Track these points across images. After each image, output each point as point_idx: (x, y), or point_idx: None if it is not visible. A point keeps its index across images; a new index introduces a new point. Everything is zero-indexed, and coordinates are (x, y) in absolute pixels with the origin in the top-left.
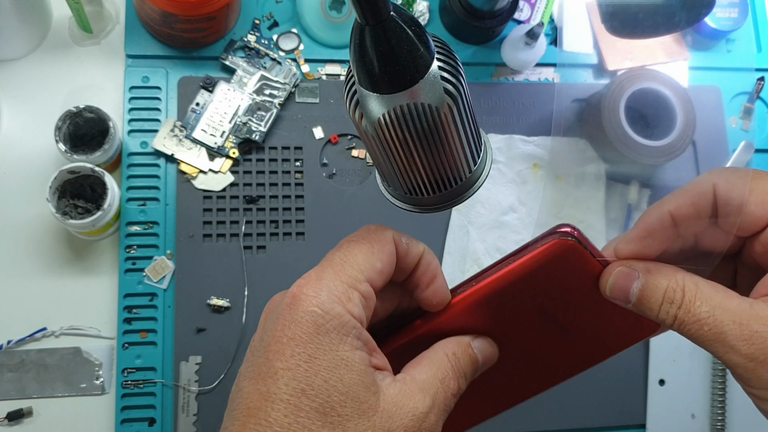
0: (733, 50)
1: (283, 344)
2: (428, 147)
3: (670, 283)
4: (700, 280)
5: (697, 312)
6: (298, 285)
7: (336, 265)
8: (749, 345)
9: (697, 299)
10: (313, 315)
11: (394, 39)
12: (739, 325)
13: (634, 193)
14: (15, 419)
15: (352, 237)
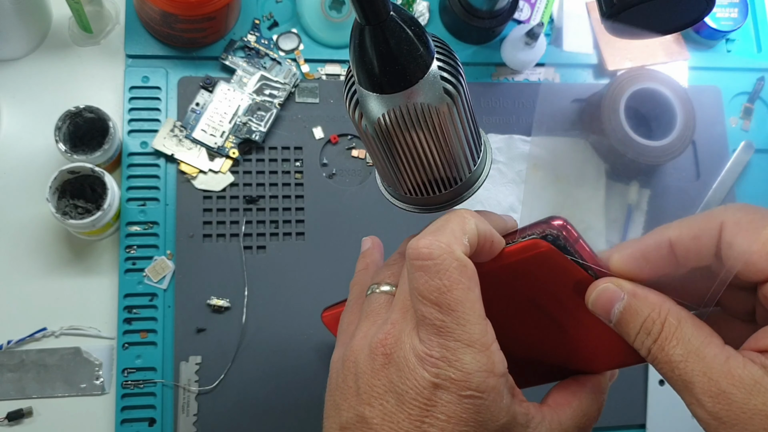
0: (733, 50)
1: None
2: (428, 147)
3: (652, 313)
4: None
5: (670, 352)
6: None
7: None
8: (715, 403)
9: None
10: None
11: (393, 39)
12: (708, 379)
13: (634, 193)
14: (15, 419)
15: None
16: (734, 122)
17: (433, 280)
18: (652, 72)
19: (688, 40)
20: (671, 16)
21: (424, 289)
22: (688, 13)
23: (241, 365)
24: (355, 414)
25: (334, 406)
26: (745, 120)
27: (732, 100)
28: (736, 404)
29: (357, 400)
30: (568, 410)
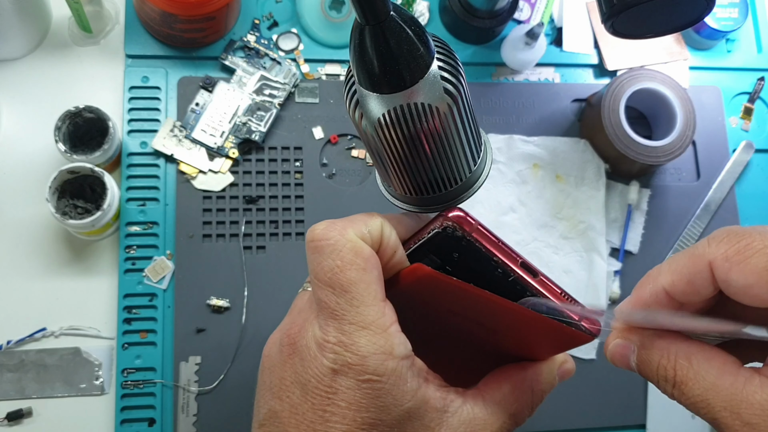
0: (733, 50)
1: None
2: (428, 147)
3: (662, 360)
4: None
5: (690, 394)
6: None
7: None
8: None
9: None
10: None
11: (393, 39)
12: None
13: (634, 193)
14: (15, 419)
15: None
16: (734, 122)
17: (326, 260)
18: (652, 72)
19: (688, 40)
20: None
21: (319, 270)
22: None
23: (241, 365)
24: (268, 409)
25: (255, 403)
26: (745, 120)
27: (732, 100)
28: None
29: (270, 395)
30: (496, 393)
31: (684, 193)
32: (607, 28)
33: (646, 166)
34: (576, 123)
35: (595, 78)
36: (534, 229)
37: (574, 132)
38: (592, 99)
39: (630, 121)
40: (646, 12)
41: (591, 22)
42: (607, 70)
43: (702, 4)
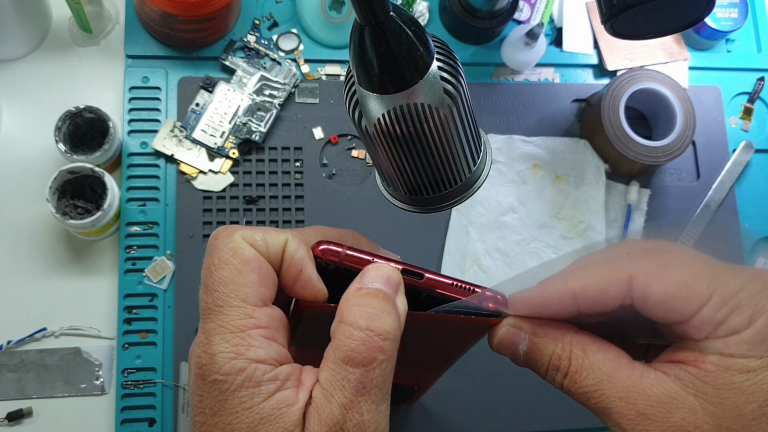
0: (733, 50)
1: (204, 414)
2: (428, 147)
3: (556, 349)
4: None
5: (582, 384)
6: (196, 355)
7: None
8: (634, 425)
9: (583, 369)
10: (215, 383)
11: (393, 39)
12: (625, 403)
13: (634, 193)
14: (15, 419)
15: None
16: (734, 122)
17: (207, 259)
18: (652, 72)
19: (688, 40)
20: (671, 17)
21: (202, 269)
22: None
23: None
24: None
25: None
26: (745, 120)
27: (732, 100)
28: (655, 423)
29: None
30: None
31: (684, 193)
32: (606, 29)
33: (646, 166)
34: (576, 123)
35: (595, 78)
36: (534, 229)
37: (574, 132)
38: (591, 99)
39: (630, 121)
40: (646, 13)
41: (591, 23)
42: (607, 71)
43: (702, 5)
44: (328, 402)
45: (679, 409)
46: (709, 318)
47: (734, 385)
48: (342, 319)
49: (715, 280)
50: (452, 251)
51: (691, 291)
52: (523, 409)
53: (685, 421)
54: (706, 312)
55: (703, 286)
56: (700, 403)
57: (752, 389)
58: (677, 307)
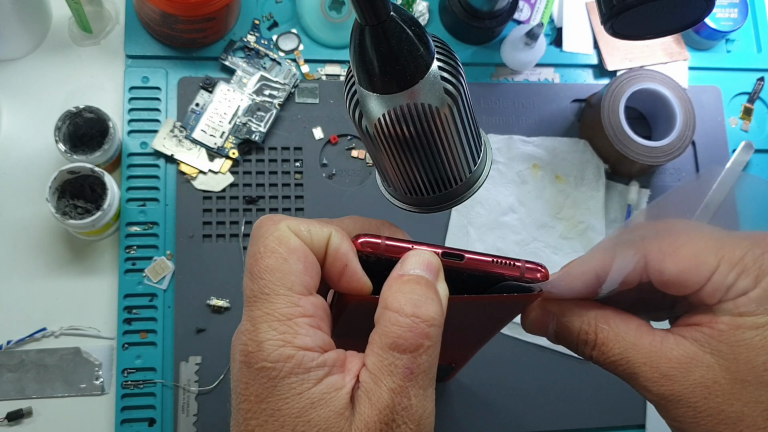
0: (733, 50)
1: (250, 402)
2: (428, 147)
3: (582, 324)
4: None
5: (609, 354)
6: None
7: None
8: (659, 386)
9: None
10: (263, 371)
11: (394, 39)
12: (649, 367)
13: (634, 193)
14: (15, 419)
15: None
16: (734, 122)
17: (252, 247)
18: (652, 72)
19: (688, 40)
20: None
21: (247, 256)
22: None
23: None
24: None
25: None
26: (745, 120)
27: (732, 100)
28: (678, 383)
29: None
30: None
31: None
32: (606, 29)
33: (645, 166)
34: (576, 123)
35: (595, 78)
36: (534, 229)
37: (573, 132)
38: (591, 99)
39: (630, 122)
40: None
41: (591, 23)
42: (607, 71)
43: (702, 5)
44: (377, 386)
45: (698, 367)
46: (719, 284)
47: (746, 341)
48: (387, 306)
49: (721, 249)
50: None
51: (700, 262)
52: (523, 409)
53: (704, 378)
54: (716, 279)
55: (710, 256)
56: (717, 360)
57: (762, 343)
58: (690, 278)
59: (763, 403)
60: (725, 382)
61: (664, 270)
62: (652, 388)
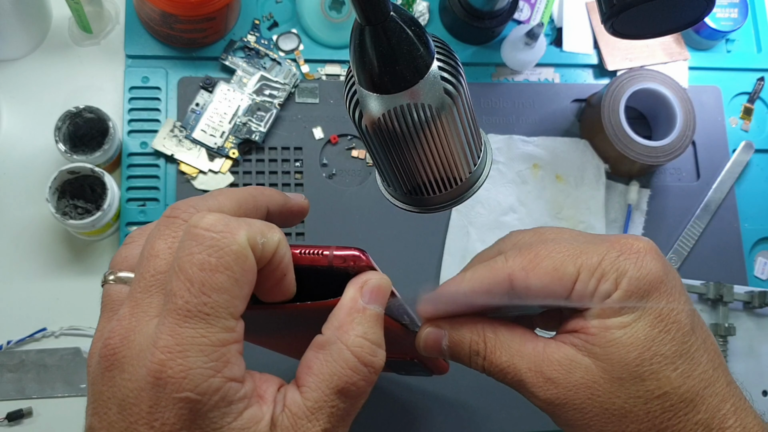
0: (733, 50)
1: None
2: (428, 147)
3: (473, 335)
4: (499, 325)
5: (498, 362)
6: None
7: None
8: (544, 390)
9: (496, 349)
10: (186, 401)
11: (394, 39)
12: (534, 373)
13: (634, 193)
14: (15, 419)
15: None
16: (734, 122)
17: (202, 253)
18: (651, 72)
19: (688, 40)
20: (671, 16)
21: (187, 260)
22: (687, 14)
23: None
24: (88, 426)
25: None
26: (745, 120)
27: (732, 100)
28: (561, 384)
29: (90, 410)
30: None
31: (684, 193)
32: (607, 29)
33: (646, 166)
34: (576, 123)
35: (595, 78)
36: None
37: (574, 132)
38: (591, 99)
39: (630, 121)
40: (646, 12)
41: (591, 22)
42: (607, 71)
43: (702, 4)
44: (311, 424)
45: (577, 369)
46: (582, 291)
47: (615, 340)
48: (346, 342)
49: (579, 257)
50: (452, 251)
51: (561, 274)
52: (523, 409)
53: (584, 379)
54: (578, 287)
55: (570, 267)
56: (593, 362)
57: (630, 340)
58: (554, 290)
59: (641, 397)
60: (604, 381)
61: (530, 286)
62: (538, 393)
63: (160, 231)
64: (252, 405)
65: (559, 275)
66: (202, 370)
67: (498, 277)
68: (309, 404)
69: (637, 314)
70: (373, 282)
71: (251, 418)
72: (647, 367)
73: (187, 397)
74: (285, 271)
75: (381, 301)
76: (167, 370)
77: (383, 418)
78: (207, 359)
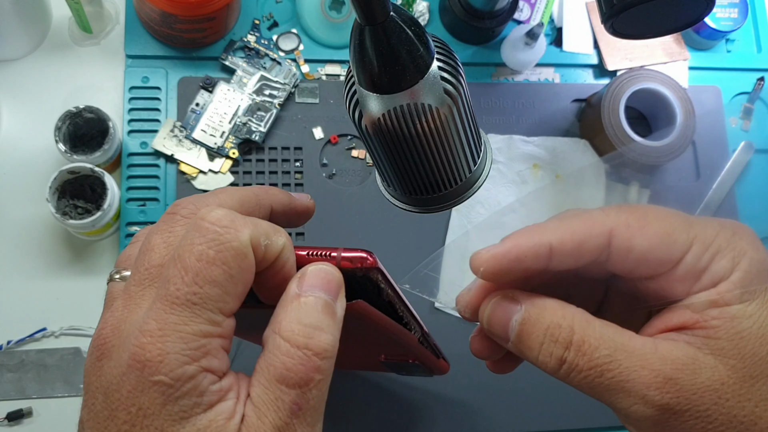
0: (733, 50)
1: (131, 414)
2: (428, 147)
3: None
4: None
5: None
6: (139, 344)
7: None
8: (663, 393)
9: (592, 338)
10: (158, 385)
11: (394, 39)
12: (649, 371)
13: (634, 194)
14: (15, 419)
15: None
16: (734, 122)
17: (203, 244)
18: (652, 72)
19: (688, 40)
20: (671, 16)
21: (187, 249)
22: (688, 14)
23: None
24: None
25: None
26: (745, 120)
27: (732, 100)
28: (686, 387)
29: (82, 403)
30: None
31: (684, 193)
32: (607, 29)
33: (646, 166)
34: (576, 123)
35: (595, 78)
36: None
37: (574, 132)
38: (591, 99)
39: (630, 121)
40: (646, 12)
41: (591, 22)
42: (607, 70)
43: (702, 4)
44: (261, 422)
45: (703, 370)
46: (692, 265)
47: (745, 332)
48: (278, 331)
49: (693, 227)
50: (452, 251)
51: (672, 240)
52: (524, 409)
53: (711, 380)
54: (689, 259)
55: (683, 234)
56: (720, 360)
57: (761, 331)
58: (661, 256)
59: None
60: (733, 382)
61: (633, 246)
62: (654, 396)
63: (158, 226)
64: (227, 400)
65: (670, 240)
66: (178, 356)
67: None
68: (256, 400)
69: (759, 302)
70: (310, 269)
71: (222, 412)
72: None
73: (160, 380)
74: (287, 275)
75: (322, 287)
76: (146, 353)
77: (383, 417)
78: (185, 346)
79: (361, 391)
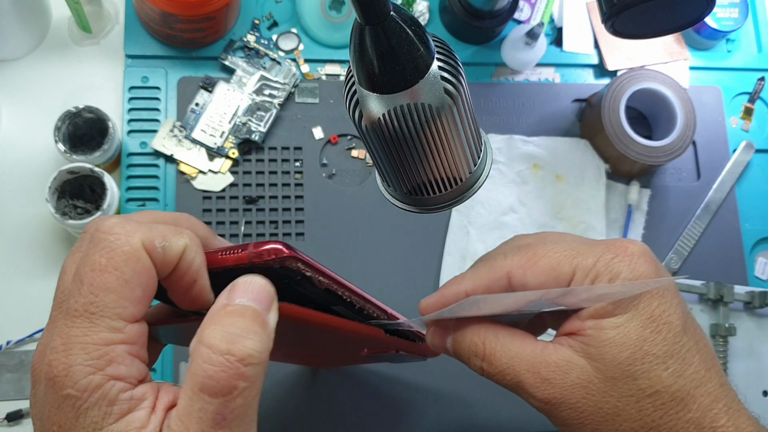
0: (734, 50)
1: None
2: (428, 147)
3: (474, 337)
4: (500, 329)
5: (497, 364)
6: (48, 363)
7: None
8: (542, 391)
9: (496, 351)
10: (68, 399)
11: (394, 39)
12: (531, 374)
13: (634, 194)
14: (14, 419)
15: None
16: (734, 122)
17: (94, 254)
18: (652, 72)
19: (688, 40)
20: (671, 16)
21: (83, 262)
22: (688, 14)
23: None
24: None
25: None
26: (745, 120)
27: (732, 100)
28: (558, 385)
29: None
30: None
31: (684, 193)
32: (607, 28)
33: (646, 166)
34: (576, 123)
35: (595, 78)
36: (534, 229)
37: (574, 132)
38: (592, 99)
39: (630, 121)
40: (647, 12)
41: (591, 22)
42: (607, 70)
43: (702, 4)
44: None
45: (573, 370)
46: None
47: (608, 340)
48: (201, 339)
49: (576, 258)
50: (452, 251)
51: (557, 273)
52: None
53: (579, 379)
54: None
55: (566, 266)
56: (588, 362)
57: (622, 340)
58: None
59: (633, 395)
60: (598, 380)
61: (527, 283)
62: (536, 393)
63: (72, 250)
64: (140, 409)
65: (555, 274)
66: (81, 367)
67: (497, 274)
68: (179, 412)
69: (630, 315)
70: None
71: (134, 421)
72: (639, 366)
73: (68, 393)
74: (195, 277)
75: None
76: (53, 369)
77: (379, 415)
78: (87, 357)
79: (350, 388)
